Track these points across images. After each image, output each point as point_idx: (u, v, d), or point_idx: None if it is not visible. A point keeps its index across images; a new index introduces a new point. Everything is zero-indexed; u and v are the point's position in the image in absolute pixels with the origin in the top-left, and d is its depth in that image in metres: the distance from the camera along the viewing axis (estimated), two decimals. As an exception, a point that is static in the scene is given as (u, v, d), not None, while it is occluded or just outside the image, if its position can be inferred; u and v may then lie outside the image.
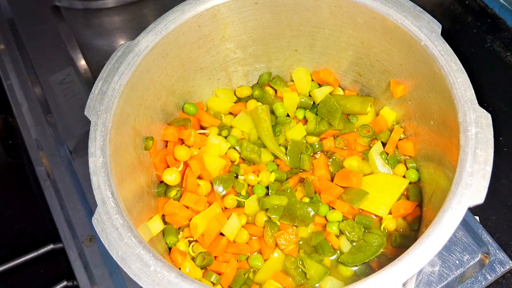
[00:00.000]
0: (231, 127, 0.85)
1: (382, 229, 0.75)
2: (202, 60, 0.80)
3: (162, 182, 0.78)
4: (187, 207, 0.75)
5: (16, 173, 1.04)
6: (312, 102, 0.85)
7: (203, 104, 0.86)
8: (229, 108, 0.87)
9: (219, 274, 0.72)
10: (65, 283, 0.84)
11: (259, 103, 0.85)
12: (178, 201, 0.75)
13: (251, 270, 0.73)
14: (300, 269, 0.72)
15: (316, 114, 0.84)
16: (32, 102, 1.02)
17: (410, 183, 0.77)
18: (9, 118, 1.08)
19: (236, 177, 0.80)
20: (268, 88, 0.87)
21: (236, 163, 0.82)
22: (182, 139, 0.81)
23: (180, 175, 0.77)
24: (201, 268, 0.72)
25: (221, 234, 0.74)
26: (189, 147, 0.80)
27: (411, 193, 0.76)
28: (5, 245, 0.95)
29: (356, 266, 0.73)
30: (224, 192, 0.76)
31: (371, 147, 0.81)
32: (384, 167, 0.79)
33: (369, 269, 0.73)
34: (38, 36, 1.10)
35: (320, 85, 0.87)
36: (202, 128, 0.85)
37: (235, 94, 0.88)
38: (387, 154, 0.80)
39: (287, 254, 0.74)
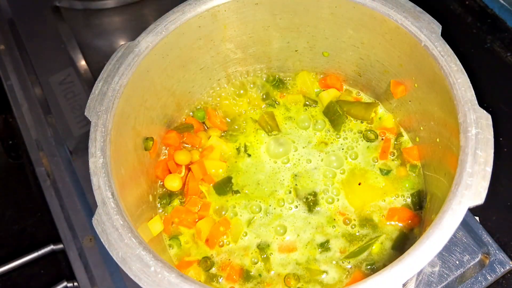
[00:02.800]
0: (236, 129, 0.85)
1: (381, 229, 0.75)
2: (202, 61, 0.80)
3: (162, 184, 0.78)
4: (192, 212, 0.75)
5: (16, 173, 1.04)
6: (315, 105, 0.85)
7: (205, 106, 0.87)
8: (239, 110, 0.87)
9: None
10: (65, 283, 0.84)
11: (265, 108, 0.86)
12: (181, 205, 0.76)
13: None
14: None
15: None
16: (32, 103, 1.02)
17: (412, 192, 0.77)
18: (9, 118, 1.08)
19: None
20: (272, 91, 0.87)
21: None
22: (182, 143, 0.81)
23: (182, 181, 0.77)
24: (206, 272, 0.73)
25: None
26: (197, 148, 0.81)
27: (412, 203, 0.75)
28: (5, 245, 0.95)
29: (354, 260, 0.72)
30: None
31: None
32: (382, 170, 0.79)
33: (369, 270, 0.73)
34: (38, 36, 1.10)
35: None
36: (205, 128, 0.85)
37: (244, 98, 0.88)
38: (388, 156, 0.80)
39: None
